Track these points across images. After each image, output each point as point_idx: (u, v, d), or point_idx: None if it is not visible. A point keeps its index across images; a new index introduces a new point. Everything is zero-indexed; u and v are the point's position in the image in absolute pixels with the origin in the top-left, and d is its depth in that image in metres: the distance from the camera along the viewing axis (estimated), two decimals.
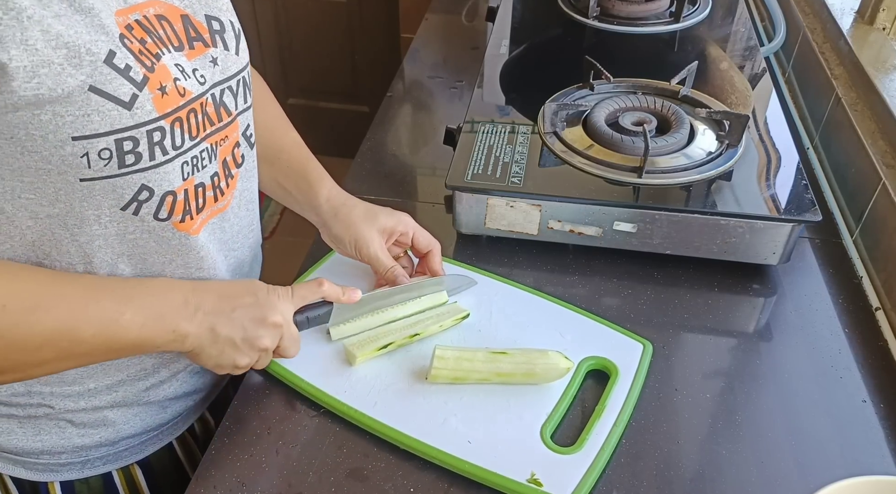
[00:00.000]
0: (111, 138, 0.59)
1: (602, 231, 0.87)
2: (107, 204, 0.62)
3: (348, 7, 2.39)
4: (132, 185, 0.62)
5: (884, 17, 1.15)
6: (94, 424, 0.74)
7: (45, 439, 0.73)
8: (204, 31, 0.67)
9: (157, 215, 0.66)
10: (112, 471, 0.78)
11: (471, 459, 0.65)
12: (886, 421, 0.72)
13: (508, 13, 1.34)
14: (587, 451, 0.66)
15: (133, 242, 0.66)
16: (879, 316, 0.83)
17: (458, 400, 0.70)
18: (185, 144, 0.65)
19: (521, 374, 0.71)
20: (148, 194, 0.64)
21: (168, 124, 0.62)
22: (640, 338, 0.77)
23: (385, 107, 1.22)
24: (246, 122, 0.74)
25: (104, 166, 0.60)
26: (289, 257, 1.17)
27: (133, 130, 0.60)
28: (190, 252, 0.70)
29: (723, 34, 1.30)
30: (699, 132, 0.94)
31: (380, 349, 0.74)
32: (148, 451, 0.80)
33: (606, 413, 0.69)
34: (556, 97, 1.02)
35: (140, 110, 0.59)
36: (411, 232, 0.82)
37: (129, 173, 0.61)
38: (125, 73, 0.58)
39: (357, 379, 0.72)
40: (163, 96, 0.61)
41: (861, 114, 1.01)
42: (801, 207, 0.83)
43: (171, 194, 0.65)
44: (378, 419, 0.68)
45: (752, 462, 0.68)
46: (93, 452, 0.76)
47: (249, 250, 0.80)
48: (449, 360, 0.70)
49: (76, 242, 0.64)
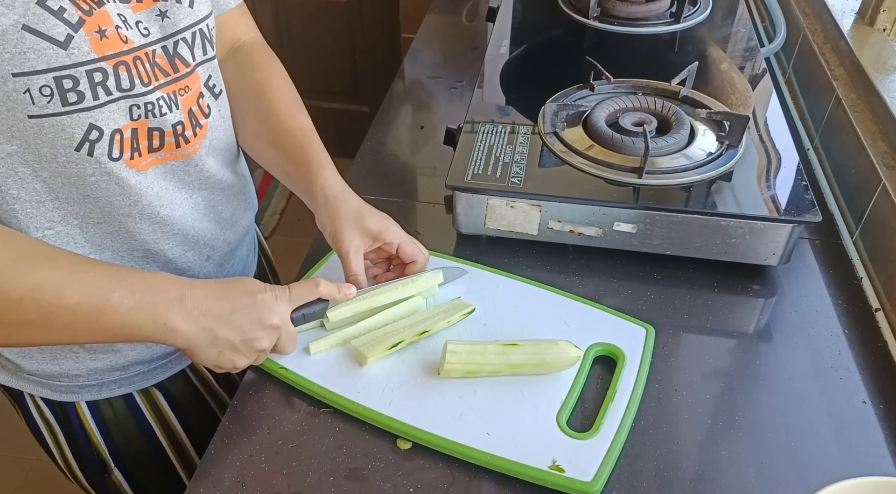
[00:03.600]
0: (49, 76, 0.61)
1: (602, 232, 0.87)
2: (60, 143, 0.65)
3: (348, 7, 2.39)
4: (80, 124, 0.65)
5: (884, 18, 1.15)
6: (104, 349, 0.79)
7: (63, 363, 0.79)
8: None
9: (111, 155, 0.68)
10: (133, 393, 0.84)
11: (492, 450, 0.66)
12: (886, 422, 0.72)
13: (509, 13, 1.34)
14: (604, 435, 0.67)
15: (94, 184, 0.69)
16: (879, 317, 0.83)
17: (473, 394, 0.71)
18: (134, 89, 0.67)
19: (532, 364, 0.71)
20: (98, 134, 0.66)
21: (110, 67, 0.65)
22: (642, 322, 0.78)
23: (385, 107, 1.21)
24: (207, 73, 0.77)
25: (47, 103, 0.62)
26: (289, 257, 1.17)
27: (71, 69, 0.62)
28: (147, 190, 0.73)
29: (723, 35, 1.30)
30: (699, 133, 0.94)
31: (390, 348, 0.74)
32: (160, 377, 0.86)
33: (619, 397, 0.70)
34: (557, 97, 1.02)
35: (77, 51, 0.62)
36: (396, 242, 0.79)
37: (75, 112, 0.64)
38: (59, 14, 0.61)
39: (369, 380, 0.73)
40: (101, 39, 0.64)
41: (861, 115, 1.01)
42: (802, 207, 0.83)
43: (118, 133, 0.68)
44: (395, 418, 0.69)
45: (751, 462, 0.67)
46: (106, 375, 0.82)
47: (221, 193, 0.83)
48: (461, 354, 0.71)
49: (39, 177, 0.67)
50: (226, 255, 0.87)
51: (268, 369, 0.74)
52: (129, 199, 0.72)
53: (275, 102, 0.85)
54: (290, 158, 0.83)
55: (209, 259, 0.85)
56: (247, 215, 0.91)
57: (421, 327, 0.75)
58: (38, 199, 0.68)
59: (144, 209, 0.74)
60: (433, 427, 0.68)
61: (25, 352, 0.78)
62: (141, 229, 0.75)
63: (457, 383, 0.72)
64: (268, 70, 0.88)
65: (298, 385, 0.73)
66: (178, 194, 0.77)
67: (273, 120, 0.84)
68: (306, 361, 0.74)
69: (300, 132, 0.84)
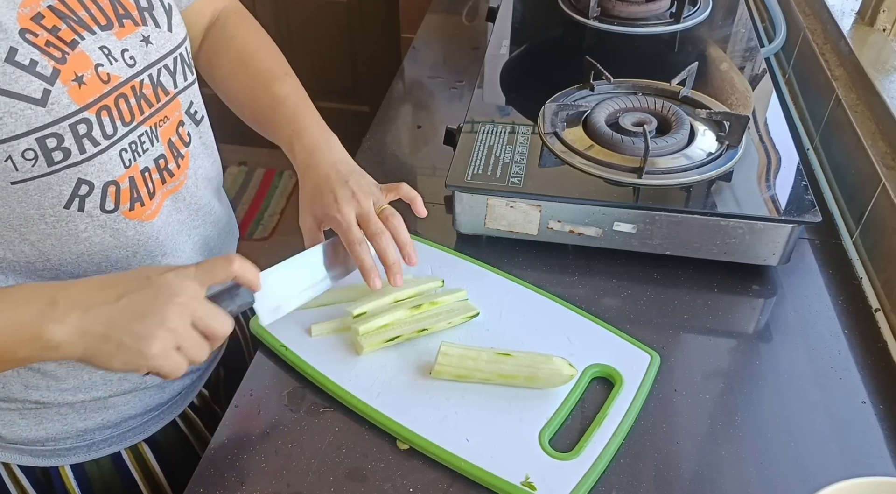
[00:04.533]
0: (31, 138, 0.57)
1: (602, 232, 0.87)
2: (48, 203, 0.60)
3: (348, 7, 2.39)
4: (68, 181, 0.60)
5: (884, 19, 1.15)
6: (95, 408, 0.74)
7: (49, 426, 0.73)
8: (132, 9, 0.66)
9: (104, 208, 0.64)
10: (121, 451, 0.79)
11: (467, 457, 0.65)
12: (886, 422, 0.72)
13: (509, 13, 1.34)
14: (584, 459, 0.65)
15: (88, 240, 0.64)
16: (879, 317, 0.83)
17: (460, 398, 0.70)
18: (118, 132, 0.63)
19: (523, 377, 0.71)
20: (88, 188, 0.62)
21: (93, 115, 0.60)
22: (648, 349, 0.76)
23: (385, 107, 1.21)
24: (188, 99, 0.72)
25: (32, 167, 0.58)
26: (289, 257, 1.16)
27: (53, 127, 0.58)
28: (149, 240, 0.69)
29: (723, 35, 1.30)
30: (699, 133, 0.94)
31: (387, 341, 0.74)
32: (152, 430, 0.81)
33: (607, 422, 0.69)
34: (557, 98, 1.02)
35: (56, 105, 0.58)
36: (344, 226, 0.71)
37: (62, 170, 0.59)
38: (31, 69, 0.56)
39: (362, 369, 0.73)
40: (80, 87, 0.59)
41: (861, 115, 1.01)
42: (801, 208, 0.83)
43: (112, 184, 0.64)
44: (379, 411, 0.69)
45: (751, 463, 0.67)
46: (97, 434, 0.77)
47: (213, 226, 0.79)
48: (453, 357, 0.71)
49: (27, 241, 0.62)
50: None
51: (265, 341, 0.75)
52: (126, 250, 0.68)
53: (251, 78, 0.82)
54: (272, 135, 0.81)
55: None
56: (232, 248, 0.87)
57: (422, 324, 0.75)
58: (28, 261, 0.63)
59: (143, 260, 0.69)
60: (414, 425, 0.68)
61: (7, 419, 0.72)
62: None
63: (446, 385, 0.72)
64: (243, 41, 0.84)
65: (294, 365, 0.73)
66: (180, 236, 0.73)
67: (252, 96, 0.82)
68: (306, 342, 0.75)
69: (271, 107, 0.80)
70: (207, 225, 0.78)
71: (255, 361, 0.76)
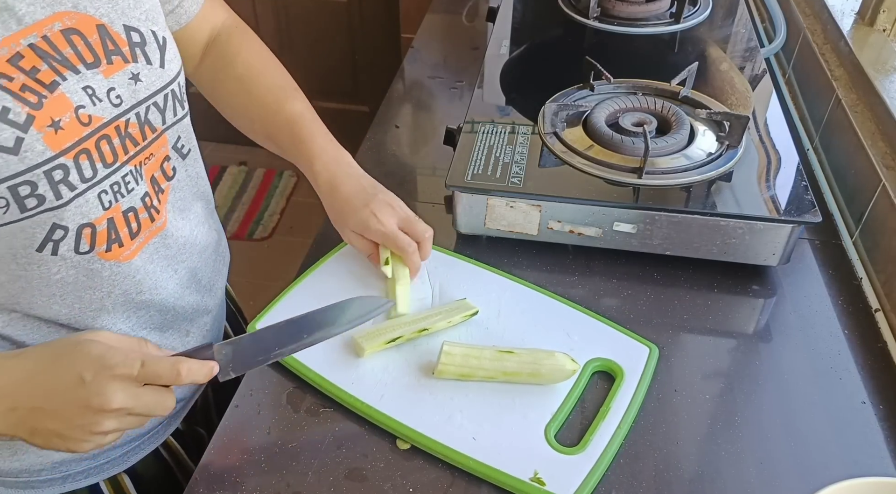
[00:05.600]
0: (3, 187, 0.54)
1: (602, 232, 0.87)
2: (19, 245, 0.58)
3: (348, 7, 2.39)
4: (42, 225, 0.58)
5: (884, 19, 1.14)
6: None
7: (23, 459, 0.71)
8: (123, 44, 0.62)
9: (78, 250, 0.61)
10: (99, 482, 0.76)
11: (475, 455, 0.65)
12: (886, 423, 0.72)
13: (509, 13, 1.34)
14: (590, 452, 0.66)
15: (61, 281, 0.62)
16: (879, 318, 0.83)
17: (464, 397, 0.71)
18: (97, 175, 0.61)
19: (526, 374, 0.71)
20: (63, 233, 0.60)
21: (70, 160, 0.58)
22: (646, 341, 0.77)
23: (385, 107, 1.21)
24: (176, 134, 0.70)
25: (3, 213, 0.56)
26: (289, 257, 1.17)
27: (26, 174, 0.55)
28: (125, 279, 0.66)
29: (723, 35, 1.30)
30: (699, 133, 0.94)
31: (388, 342, 0.74)
32: (132, 461, 0.78)
33: (611, 415, 0.69)
34: (557, 98, 1.02)
35: (30, 153, 0.55)
36: (380, 239, 0.79)
37: (36, 215, 0.57)
38: (2, 117, 0.53)
39: (364, 371, 0.73)
40: (57, 133, 0.56)
41: (861, 115, 1.01)
42: (801, 208, 0.83)
43: (88, 227, 0.61)
44: (384, 412, 0.69)
45: (751, 463, 0.67)
46: (74, 466, 0.74)
47: (199, 257, 0.77)
48: (456, 356, 0.71)
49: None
50: (206, 325, 0.82)
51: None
52: (101, 291, 0.65)
53: (261, 96, 0.82)
54: (286, 152, 0.83)
55: (188, 334, 0.79)
56: (223, 273, 0.85)
57: (422, 324, 0.75)
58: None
59: (118, 299, 0.67)
60: (421, 426, 0.68)
61: None
62: (114, 322, 0.68)
63: (450, 384, 0.72)
64: (248, 58, 0.84)
65: (294, 370, 0.73)
66: (164, 274, 0.71)
67: (263, 115, 0.82)
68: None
69: (287, 125, 0.81)
70: (194, 257, 0.76)
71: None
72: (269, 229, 2.43)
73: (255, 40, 0.86)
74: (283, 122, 0.81)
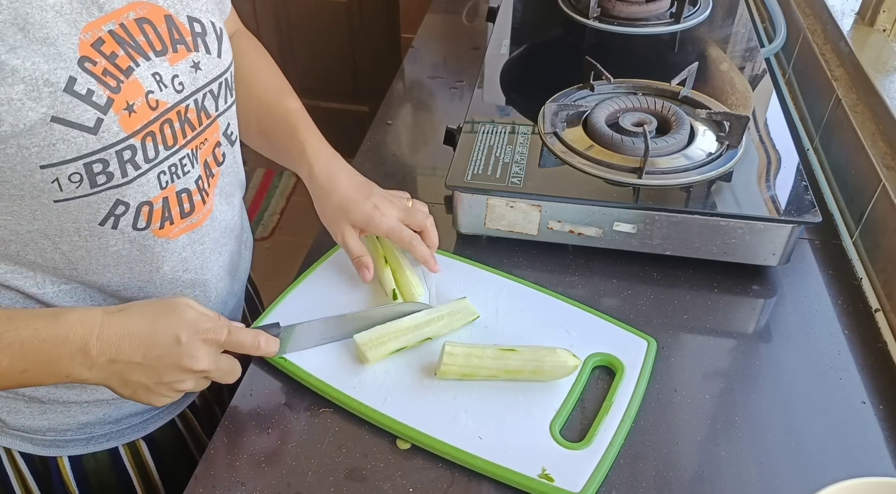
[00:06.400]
0: (79, 163, 0.59)
1: (602, 232, 0.87)
2: (84, 219, 0.63)
3: (348, 7, 2.39)
4: (107, 201, 0.62)
5: (884, 19, 1.14)
6: (97, 403, 0.76)
7: (51, 418, 0.75)
8: (187, 34, 0.66)
9: (136, 226, 0.66)
10: (118, 446, 0.80)
11: (483, 455, 0.66)
12: (886, 423, 0.72)
13: (509, 13, 1.34)
14: (596, 446, 0.66)
15: (116, 253, 0.67)
16: (879, 318, 0.83)
17: (468, 397, 0.71)
18: (159, 156, 0.65)
19: (529, 371, 0.71)
20: (124, 208, 0.64)
21: (139, 141, 0.62)
22: (644, 335, 0.77)
23: (385, 107, 1.21)
24: (226, 121, 0.74)
25: (76, 188, 0.60)
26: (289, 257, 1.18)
27: (101, 153, 0.59)
28: (173, 256, 0.70)
29: (723, 35, 1.30)
30: (699, 133, 0.94)
31: (392, 352, 0.74)
32: (150, 428, 0.82)
33: (614, 409, 0.70)
34: (557, 98, 1.02)
35: (107, 133, 0.59)
36: (384, 232, 0.80)
37: (103, 191, 0.62)
38: (87, 98, 0.57)
39: (366, 376, 0.73)
40: (130, 116, 0.60)
41: (861, 115, 1.01)
42: (801, 208, 0.83)
43: (146, 204, 0.65)
44: (389, 416, 0.69)
45: (751, 463, 0.67)
46: (97, 429, 0.78)
47: (237, 241, 0.82)
48: (458, 356, 0.71)
49: (59, 250, 0.64)
50: (231, 307, 0.85)
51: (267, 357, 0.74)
52: (151, 266, 0.69)
53: (261, 93, 0.85)
54: (279, 147, 0.85)
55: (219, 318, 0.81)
56: (247, 256, 0.89)
57: (425, 333, 0.75)
58: (56, 267, 0.65)
59: (166, 275, 0.71)
60: (426, 427, 0.68)
61: (11, 407, 0.74)
62: (159, 296, 0.72)
63: (453, 385, 0.72)
64: (254, 61, 0.87)
65: (295, 376, 0.73)
66: (211, 256, 0.75)
67: (261, 110, 0.84)
68: (306, 352, 0.74)
69: (284, 118, 0.84)
70: (233, 241, 0.80)
71: (255, 361, 0.76)
72: (269, 228, 2.43)
73: (258, 44, 0.90)
74: (280, 114, 0.84)
